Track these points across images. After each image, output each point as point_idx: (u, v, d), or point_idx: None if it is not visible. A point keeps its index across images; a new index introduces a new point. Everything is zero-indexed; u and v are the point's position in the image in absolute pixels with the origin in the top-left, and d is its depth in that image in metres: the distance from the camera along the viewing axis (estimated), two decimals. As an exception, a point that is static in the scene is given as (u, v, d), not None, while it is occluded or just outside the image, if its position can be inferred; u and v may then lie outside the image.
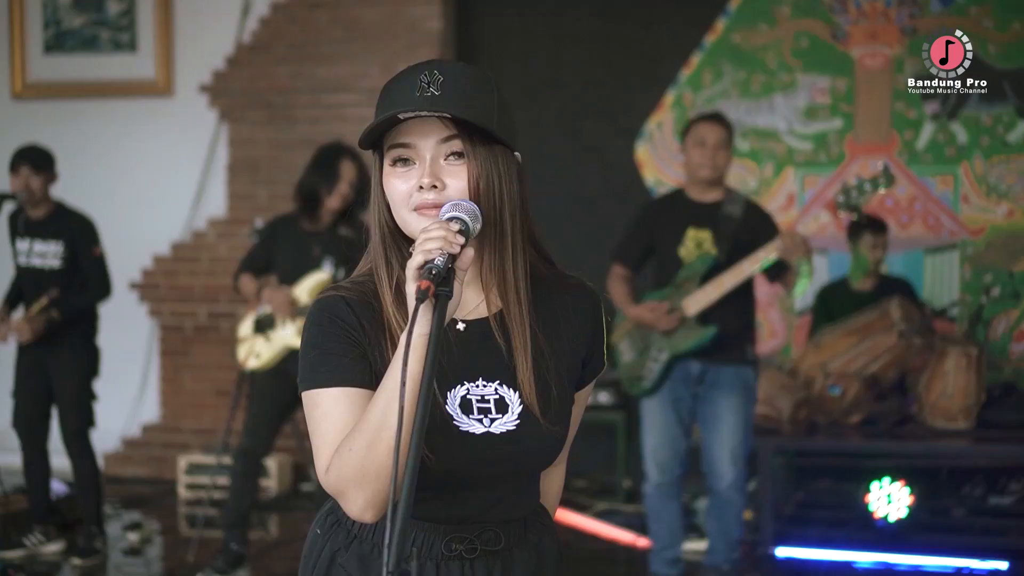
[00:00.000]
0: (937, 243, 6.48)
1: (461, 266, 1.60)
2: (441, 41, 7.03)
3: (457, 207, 1.67)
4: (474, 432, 1.72)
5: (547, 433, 1.75)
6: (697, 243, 4.73)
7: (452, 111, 1.68)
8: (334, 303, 1.76)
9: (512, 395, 1.75)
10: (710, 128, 4.74)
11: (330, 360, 1.72)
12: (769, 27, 6.69)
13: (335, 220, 5.18)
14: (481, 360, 1.77)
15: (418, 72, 1.71)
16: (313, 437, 1.72)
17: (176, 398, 7.49)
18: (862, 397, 5.52)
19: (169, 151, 7.52)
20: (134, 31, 7.51)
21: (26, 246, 5.52)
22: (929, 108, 6.46)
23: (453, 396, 1.74)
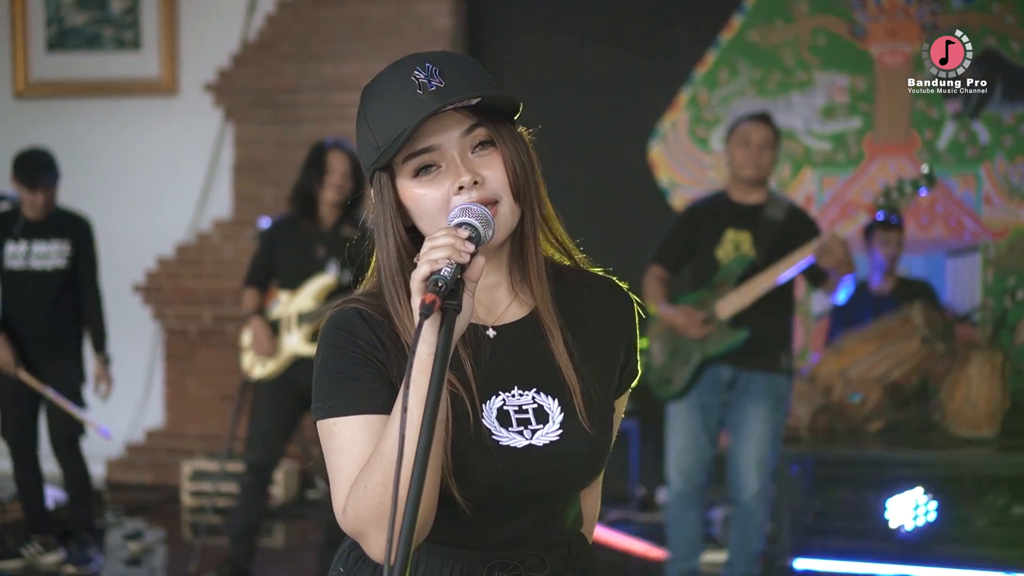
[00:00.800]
0: (959, 245, 6.34)
1: (471, 277, 1.46)
2: (450, 39, 6.93)
3: (467, 212, 1.53)
4: (515, 446, 1.59)
5: (592, 441, 1.62)
6: (735, 245, 4.65)
7: (479, 93, 1.55)
8: (349, 319, 1.63)
9: (551, 403, 1.63)
10: (755, 128, 4.67)
11: (346, 385, 1.58)
12: (786, 24, 6.55)
13: (338, 220, 5.07)
14: (515, 367, 1.64)
15: (406, 72, 1.58)
16: (330, 473, 1.58)
17: (180, 403, 7.40)
18: (883, 404, 5.40)
19: (173, 151, 7.43)
20: (138, 29, 7.43)
21: (23, 248, 5.41)
22: (951, 107, 6.31)
23: (489, 408, 1.61)
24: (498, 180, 1.59)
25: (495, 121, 1.60)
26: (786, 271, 4.50)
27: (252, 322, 5.12)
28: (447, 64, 1.59)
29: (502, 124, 1.61)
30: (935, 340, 5.38)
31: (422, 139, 1.58)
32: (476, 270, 1.47)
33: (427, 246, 1.45)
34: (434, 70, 1.57)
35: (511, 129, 1.63)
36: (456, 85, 1.56)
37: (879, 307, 5.69)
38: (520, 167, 1.60)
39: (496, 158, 1.59)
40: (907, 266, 6.07)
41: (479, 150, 1.60)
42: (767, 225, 4.63)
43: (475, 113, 1.59)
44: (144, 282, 7.40)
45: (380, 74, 1.62)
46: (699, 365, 4.63)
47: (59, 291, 5.43)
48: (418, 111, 1.54)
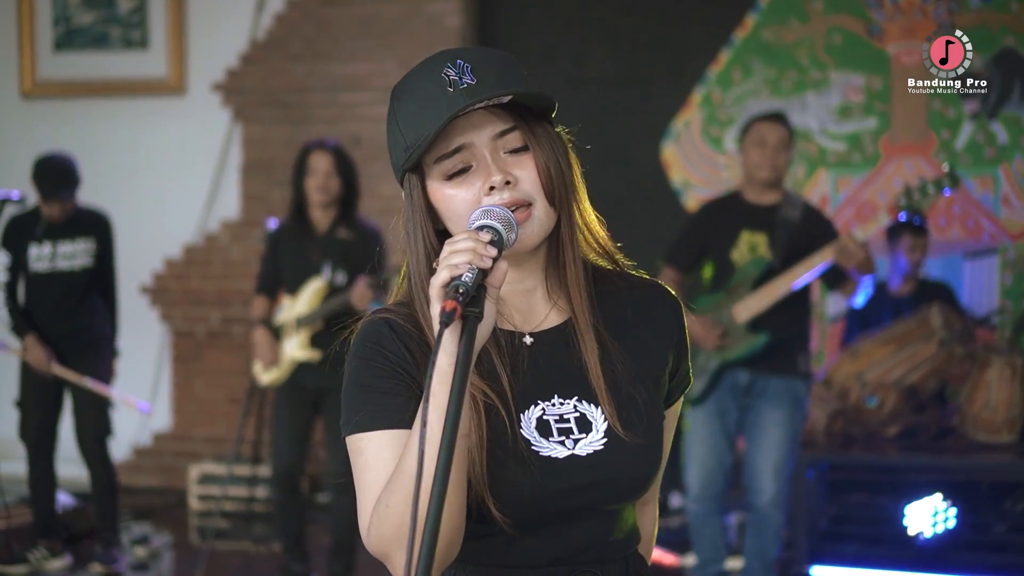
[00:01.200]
0: (976, 247, 6.26)
1: (494, 283, 1.39)
2: (461, 38, 6.88)
3: (488, 214, 1.45)
4: (557, 456, 1.52)
5: (640, 449, 1.54)
6: (751, 247, 4.59)
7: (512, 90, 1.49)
8: (377, 330, 1.56)
9: (594, 411, 1.55)
10: (771, 128, 4.61)
11: (374, 399, 1.51)
12: (801, 23, 6.47)
13: (332, 223, 5.00)
14: (555, 376, 1.57)
15: (437, 69, 1.51)
16: (357, 490, 1.51)
17: (188, 405, 7.34)
18: (900, 408, 5.33)
19: (181, 151, 7.38)
20: (145, 28, 7.38)
21: (48, 250, 5.38)
22: (968, 107, 6.23)
23: (528, 419, 1.53)
24: (531, 181, 1.52)
25: (529, 121, 1.54)
26: (805, 275, 4.44)
27: (256, 330, 5.09)
28: (480, 61, 1.52)
29: (537, 124, 1.55)
30: (954, 343, 5.31)
31: (452, 138, 1.51)
32: (499, 276, 1.39)
33: (447, 250, 1.38)
34: (466, 67, 1.50)
35: (547, 129, 1.56)
36: (488, 82, 1.50)
37: (897, 309, 5.62)
38: (555, 169, 1.54)
39: (529, 159, 1.53)
40: (924, 268, 5.98)
41: (512, 153, 1.53)
42: (783, 226, 4.57)
43: (509, 114, 1.52)
44: (151, 283, 7.35)
45: (410, 72, 1.56)
46: (717, 370, 4.56)
47: (87, 289, 5.43)
48: (448, 109, 1.48)
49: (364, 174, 6.82)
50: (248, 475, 6.29)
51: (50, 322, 5.40)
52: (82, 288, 5.41)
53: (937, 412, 5.48)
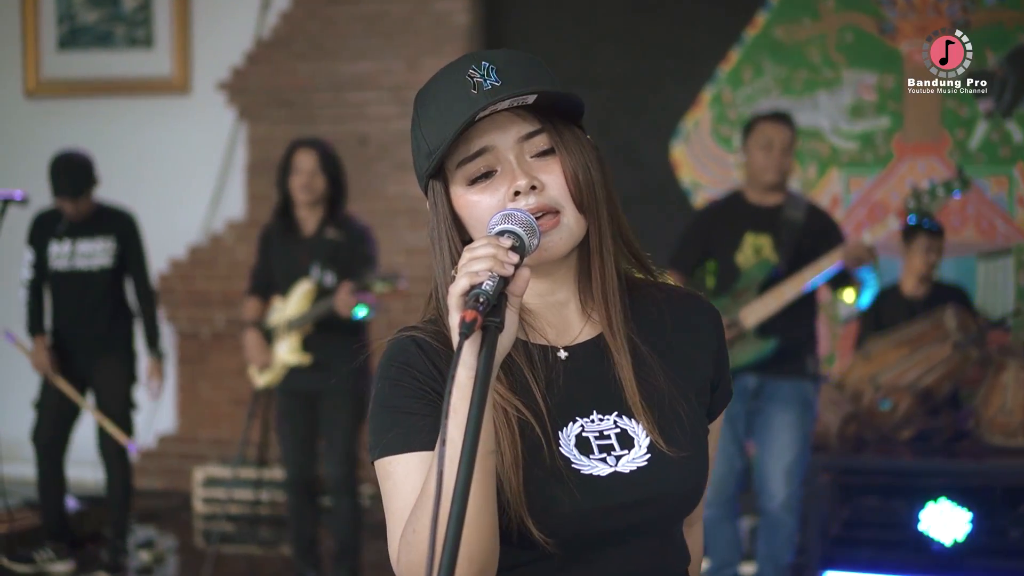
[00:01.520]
0: (991, 248, 6.19)
1: (515, 291, 1.31)
2: (468, 36, 6.82)
3: (509, 218, 1.38)
4: (599, 474, 1.45)
5: (685, 464, 1.47)
6: (756, 249, 4.55)
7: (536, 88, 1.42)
8: (404, 348, 1.49)
9: (636, 426, 1.48)
10: (777, 129, 4.55)
11: (401, 420, 1.45)
12: (812, 21, 6.40)
13: (320, 223, 4.92)
14: (592, 391, 1.50)
15: (461, 71, 1.45)
16: (386, 516, 1.44)
17: (192, 407, 7.29)
18: (914, 411, 5.26)
19: (186, 151, 7.33)
20: (150, 27, 7.34)
21: (67, 248, 5.33)
22: (983, 106, 6.15)
23: (566, 436, 1.46)
24: (558, 187, 1.46)
25: (557, 125, 1.47)
26: (812, 279, 4.38)
27: (248, 332, 5.02)
28: (506, 63, 1.46)
29: (566, 129, 1.48)
30: (968, 346, 5.24)
31: (475, 141, 1.45)
32: (521, 284, 1.32)
33: (466, 257, 1.31)
34: (491, 68, 1.45)
35: (576, 133, 1.49)
36: (514, 83, 1.44)
37: (911, 311, 5.55)
38: (585, 174, 1.47)
39: (556, 163, 1.46)
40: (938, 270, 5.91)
41: (539, 157, 1.47)
42: (788, 227, 4.53)
43: (536, 117, 1.46)
44: (156, 284, 7.23)
45: (434, 76, 1.50)
46: None
47: (106, 290, 5.35)
48: (470, 109, 1.42)
49: (370, 174, 6.80)
50: (253, 478, 6.24)
51: (70, 322, 5.38)
52: (101, 289, 5.35)
53: (951, 415, 5.41)
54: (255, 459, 6.32)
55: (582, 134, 1.51)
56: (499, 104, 1.42)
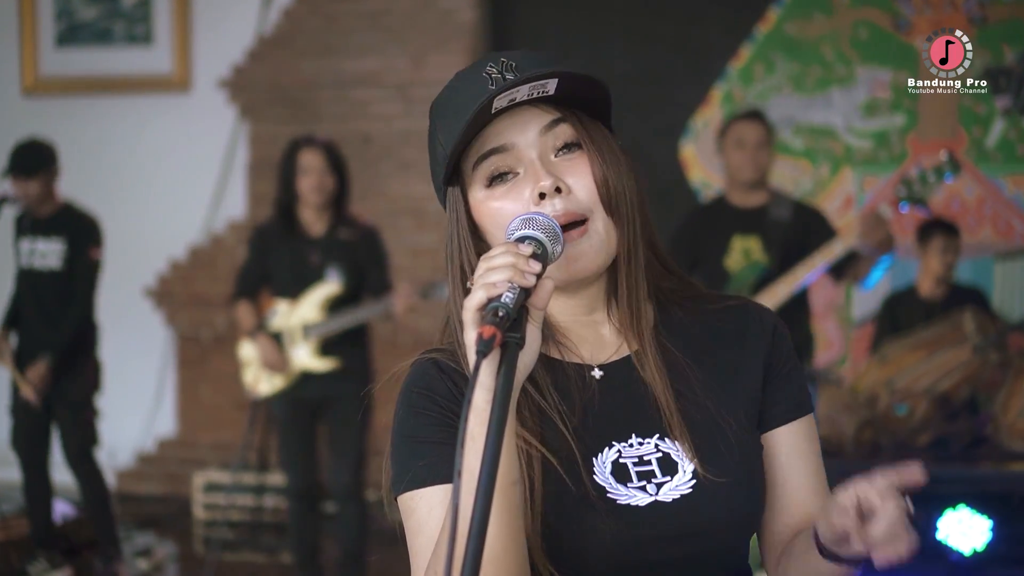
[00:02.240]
0: (1008, 248, 6.08)
1: (537, 304, 1.19)
2: (474, 34, 6.73)
3: (529, 222, 1.25)
4: (638, 504, 1.32)
5: (731, 489, 1.34)
6: (744, 251, 4.49)
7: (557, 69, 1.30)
8: (424, 372, 1.37)
9: (679, 450, 1.35)
10: (749, 127, 4.55)
11: (423, 452, 1.33)
12: (826, 16, 6.29)
13: (330, 223, 4.78)
14: (630, 413, 1.37)
15: (479, 70, 1.34)
16: (410, 556, 1.32)
17: (193, 411, 7.19)
18: (931, 417, 5.14)
19: (186, 150, 7.24)
20: (149, 23, 7.26)
21: (28, 246, 5.22)
22: (1000, 103, 6.03)
23: (601, 463, 1.34)
24: (587, 190, 1.33)
25: (583, 119, 1.35)
26: (808, 273, 4.30)
27: (258, 337, 4.82)
28: (526, 59, 1.35)
29: (592, 123, 1.36)
30: (988, 349, 5.13)
31: (493, 138, 1.33)
32: (543, 295, 1.20)
33: (482, 267, 1.18)
34: (510, 63, 1.33)
35: (604, 132, 1.37)
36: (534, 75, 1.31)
37: (928, 314, 5.46)
38: (615, 176, 1.34)
39: (584, 163, 1.33)
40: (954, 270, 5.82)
41: (564, 153, 1.35)
42: (775, 227, 4.48)
43: (559, 109, 1.33)
44: (155, 286, 7.20)
45: (449, 81, 1.38)
46: None
47: (59, 293, 5.17)
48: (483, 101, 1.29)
49: (373, 173, 6.71)
50: (255, 483, 6.13)
51: (30, 323, 5.23)
52: (54, 292, 5.17)
53: (970, 421, 5.30)
54: (256, 464, 6.22)
55: (611, 135, 1.40)
56: (518, 94, 1.30)
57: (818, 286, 4.61)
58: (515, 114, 1.33)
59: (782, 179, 6.27)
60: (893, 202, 4.37)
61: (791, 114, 6.26)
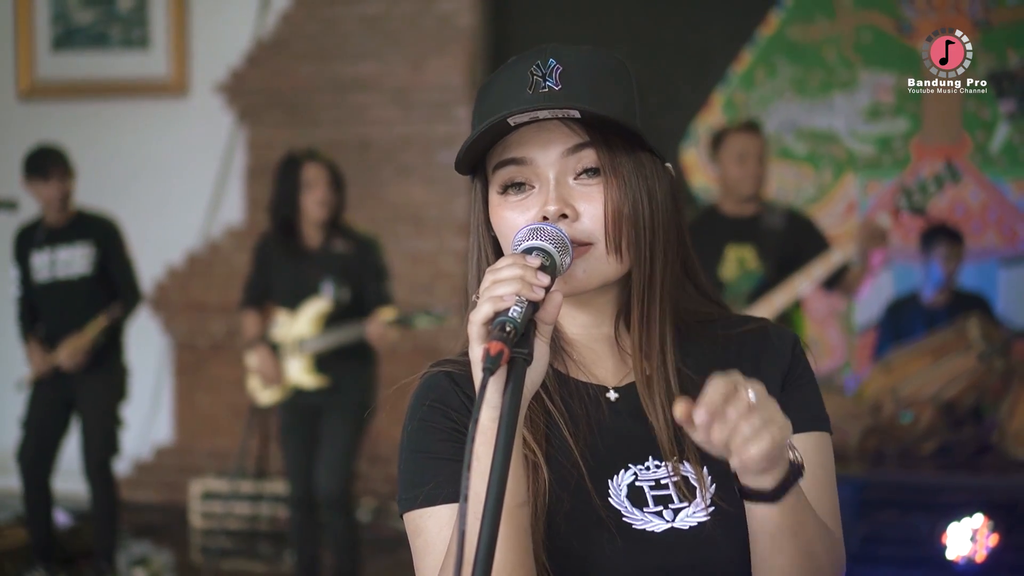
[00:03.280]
0: (1013, 254, 6.05)
1: (545, 318, 1.14)
2: (473, 39, 6.70)
3: (537, 233, 1.21)
4: (654, 530, 1.27)
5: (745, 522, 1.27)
6: (739, 260, 4.50)
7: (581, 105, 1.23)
8: (437, 384, 1.33)
9: (698, 475, 1.30)
10: (749, 140, 4.53)
11: (434, 467, 1.28)
12: (828, 20, 6.26)
13: (326, 236, 4.74)
14: (647, 434, 1.32)
15: (528, 63, 1.28)
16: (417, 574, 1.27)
17: (190, 419, 7.14)
18: (936, 424, 5.12)
19: (183, 155, 7.20)
20: (146, 27, 7.23)
21: (47, 258, 5.18)
22: (1004, 107, 5.99)
23: (617, 485, 1.29)
24: (596, 219, 1.28)
25: (613, 146, 1.28)
26: (805, 284, 4.29)
27: (257, 347, 4.82)
28: (578, 66, 1.29)
29: (623, 151, 1.29)
30: (993, 356, 5.10)
31: (514, 148, 1.29)
32: (552, 309, 1.15)
33: (488, 279, 1.14)
34: (556, 68, 1.27)
35: (636, 160, 1.30)
36: (572, 91, 1.26)
37: (931, 321, 5.43)
38: (632, 209, 1.29)
39: (600, 192, 1.28)
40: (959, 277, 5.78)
41: (584, 177, 1.29)
42: (769, 235, 4.48)
43: (588, 131, 1.28)
44: (152, 292, 7.14)
45: (511, 59, 1.33)
46: None
47: (88, 299, 5.16)
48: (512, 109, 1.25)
49: (372, 179, 6.67)
50: (252, 491, 6.09)
51: (54, 335, 5.19)
52: (83, 298, 5.17)
53: (975, 428, 5.27)
54: (254, 472, 6.18)
55: (651, 161, 1.33)
56: (539, 113, 1.25)
57: (819, 293, 4.58)
58: (543, 127, 1.29)
59: (784, 184, 6.24)
60: (893, 211, 4.35)
61: (793, 118, 6.23)
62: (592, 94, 1.27)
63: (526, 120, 1.26)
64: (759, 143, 4.54)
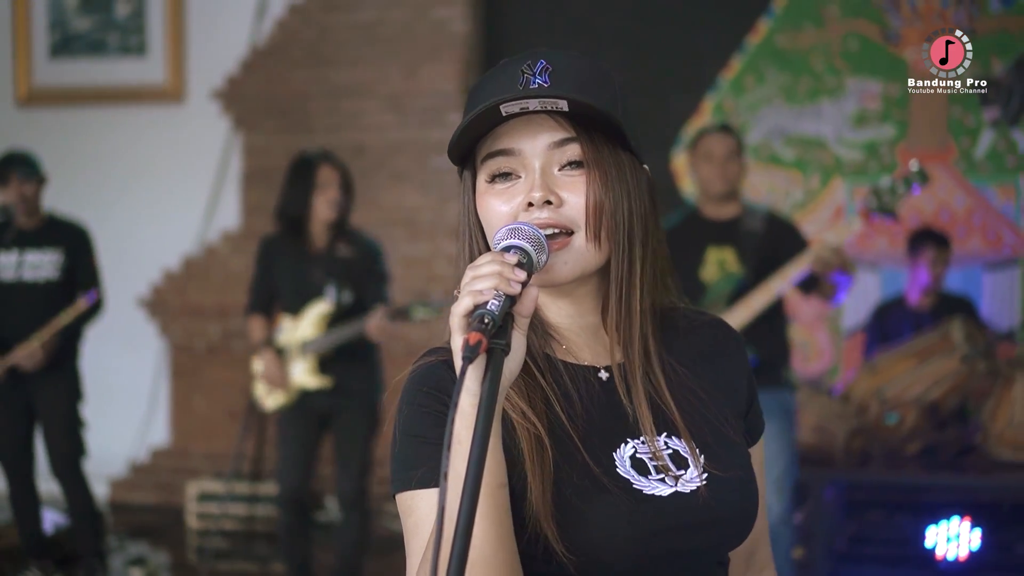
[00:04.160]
0: (997, 259, 6.10)
1: (522, 312, 1.23)
2: (467, 44, 6.74)
3: (516, 232, 1.29)
4: (661, 494, 1.37)
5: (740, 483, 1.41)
6: (719, 263, 4.52)
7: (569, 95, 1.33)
8: (432, 372, 1.40)
9: (688, 447, 1.41)
10: (717, 140, 4.56)
11: (428, 451, 1.35)
12: (816, 28, 6.32)
13: (331, 239, 4.79)
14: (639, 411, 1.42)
15: (519, 63, 1.38)
16: (406, 555, 1.35)
17: (186, 421, 7.18)
18: (921, 425, 5.19)
19: (180, 160, 7.23)
20: (143, 34, 7.25)
21: (13, 259, 5.18)
22: (988, 115, 6.07)
23: (621, 457, 1.38)
24: (577, 207, 1.37)
25: (596, 142, 1.38)
26: (780, 286, 4.33)
27: (263, 353, 4.84)
28: (566, 67, 1.38)
29: (606, 148, 1.38)
30: (976, 358, 5.17)
31: (505, 138, 1.38)
32: (528, 303, 1.23)
33: (469, 275, 1.22)
34: (546, 68, 1.36)
35: (618, 157, 1.40)
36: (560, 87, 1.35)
37: (917, 323, 5.49)
38: (612, 201, 1.38)
39: (583, 184, 1.37)
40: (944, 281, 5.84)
41: (569, 169, 1.38)
42: (749, 238, 4.50)
43: (575, 127, 1.37)
44: (149, 296, 7.19)
45: (502, 61, 1.42)
46: None
47: (52, 304, 5.17)
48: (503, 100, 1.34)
49: (367, 184, 6.71)
50: (248, 493, 6.14)
51: (15, 335, 5.17)
52: (47, 302, 5.16)
53: (959, 429, 5.34)
54: (249, 473, 6.22)
55: (631, 161, 1.42)
56: (529, 104, 1.34)
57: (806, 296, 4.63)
58: (532, 121, 1.37)
59: (774, 189, 6.31)
60: (864, 213, 4.40)
61: (782, 125, 6.29)
62: (578, 92, 1.35)
63: (516, 111, 1.35)
64: (729, 143, 4.56)
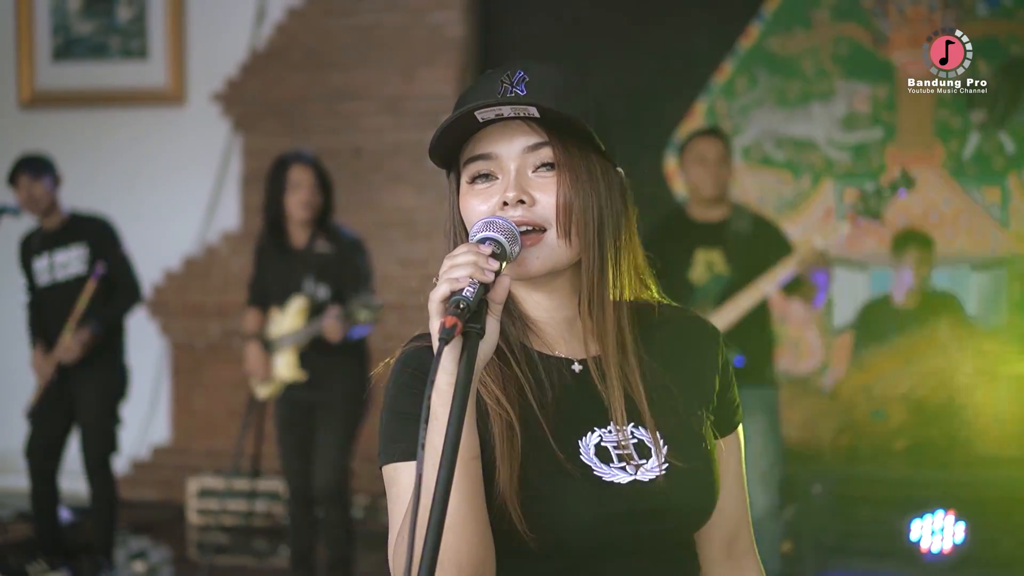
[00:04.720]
0: (984, 259, 6.18)
1: (495, 298, 1.33)
2: (464, 48, 6.81)
3: (491, 225, 1.40)
4: (620, 482, 1.46)
5: (698, 475, 1.50)
6: (708, 264, 4.58)
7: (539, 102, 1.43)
8: (416, 354, 1.50)
9: (652, 437, 1.50)
10: (709, 144, 4.63)
11: (410, 426, 1.44)
12: (806, 32, 6.41)
13: (311, 236, 4.90)
14: (608, 402, 1.51)
15: (499, 74, 1.48)
16: (389, 522, 1.46)
17: (187, 419, 7.26)
18: (908, 422, 5.27)
19: (181, 162, 7.31)
20: (145, 38, 7.32)
21: (45, 262, 5.29)
22: (975, 117, 6.16)
23: (586, 445, 1.48)
24: (549, 206, 1.47)
25: (568, 145, 1.47)
26: (768, 286, 4.40)
27: (248, 345, 5.01)
28: (543, 78, 1.48)
29: (577, 152, 1.48)
30: (962, 356, 5.25)
31: (483, 145, 1.48)
32: (501, 291, 1.34)
33: (446, 264, 1.33)
34: (524, 78, 1.47)
35: (589, 161, 1.49)
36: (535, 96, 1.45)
37: (904, 322, 5.54)
38: (583, 201, 1.47)
39: (554, 185, 1.47)
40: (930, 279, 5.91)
41: (542, 171, 1.48)
42: (737, 239, 4.57)
43: (548, 132, 1.47)
44: (150, 295, 7.24)
45: (484, 73, 1.53)
46: None
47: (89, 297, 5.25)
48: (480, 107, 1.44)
49: (364, 186, 6.79)
50: (248, 489, 6.21)
51: (56, 336, 5.27)
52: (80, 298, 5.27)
53: (945, 426, 5.39)
54: (249, 470, 6.29)
55: (602, 163, 1.51)
56: (503, 111, 1.43)
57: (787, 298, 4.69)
58: (509, 126, 1.47)
59: (765, 190, 6.39)
60: (851, 217, 4.48)
61: (773, 127, 6.37)
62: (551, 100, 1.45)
63: (491, 117, 1.45)
64: (719, 147, 4.62)
